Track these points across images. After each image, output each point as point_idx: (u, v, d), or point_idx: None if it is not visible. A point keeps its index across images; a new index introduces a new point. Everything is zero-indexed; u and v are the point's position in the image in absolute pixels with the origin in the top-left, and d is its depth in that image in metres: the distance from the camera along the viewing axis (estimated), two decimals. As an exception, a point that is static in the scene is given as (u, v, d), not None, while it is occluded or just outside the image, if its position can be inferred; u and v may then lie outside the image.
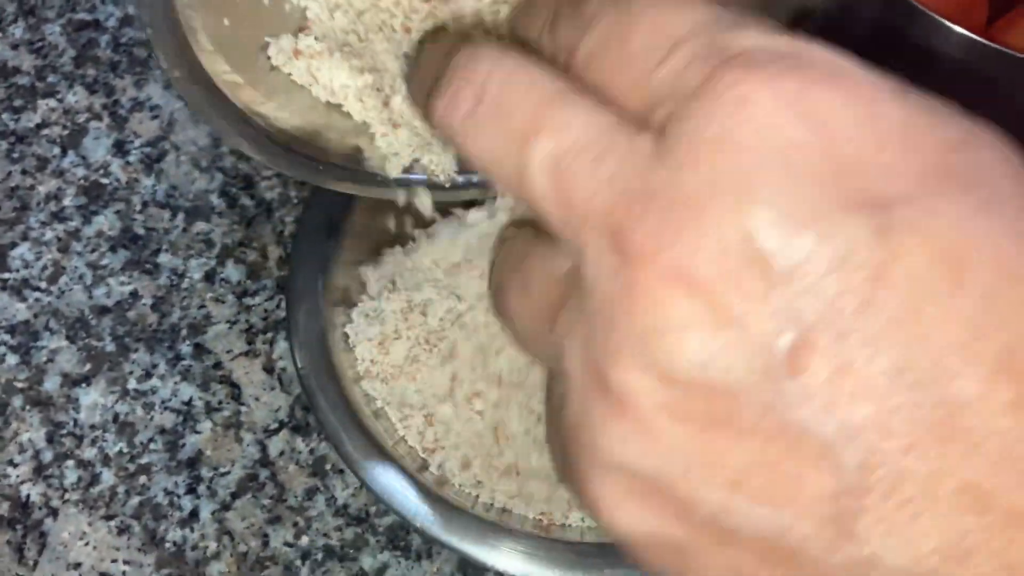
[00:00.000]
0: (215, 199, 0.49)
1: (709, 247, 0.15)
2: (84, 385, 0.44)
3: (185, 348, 0.45)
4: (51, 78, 0.51)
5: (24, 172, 0.48)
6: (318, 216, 0.41)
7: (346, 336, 0.40)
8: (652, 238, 0.16)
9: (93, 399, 0.43)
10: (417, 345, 0.39)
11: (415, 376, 0.39)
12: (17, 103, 0.50)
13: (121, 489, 0.42)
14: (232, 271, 0.47)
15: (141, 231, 0.47)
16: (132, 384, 0.44)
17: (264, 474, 0.42)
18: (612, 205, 0.16)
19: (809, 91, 0.16)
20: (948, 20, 0.44)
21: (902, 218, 0.15)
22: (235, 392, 0.44)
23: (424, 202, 0.28)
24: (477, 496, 0.38)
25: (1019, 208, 0.16)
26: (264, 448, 0.43)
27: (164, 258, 0.47)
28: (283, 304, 0.46)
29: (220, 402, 0.44)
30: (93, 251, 0.47)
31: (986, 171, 0.16)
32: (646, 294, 0.16)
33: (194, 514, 0.41)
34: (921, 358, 0.15)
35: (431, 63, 0.21)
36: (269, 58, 0.28)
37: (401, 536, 0.41)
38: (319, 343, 0.38)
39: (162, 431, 0.43)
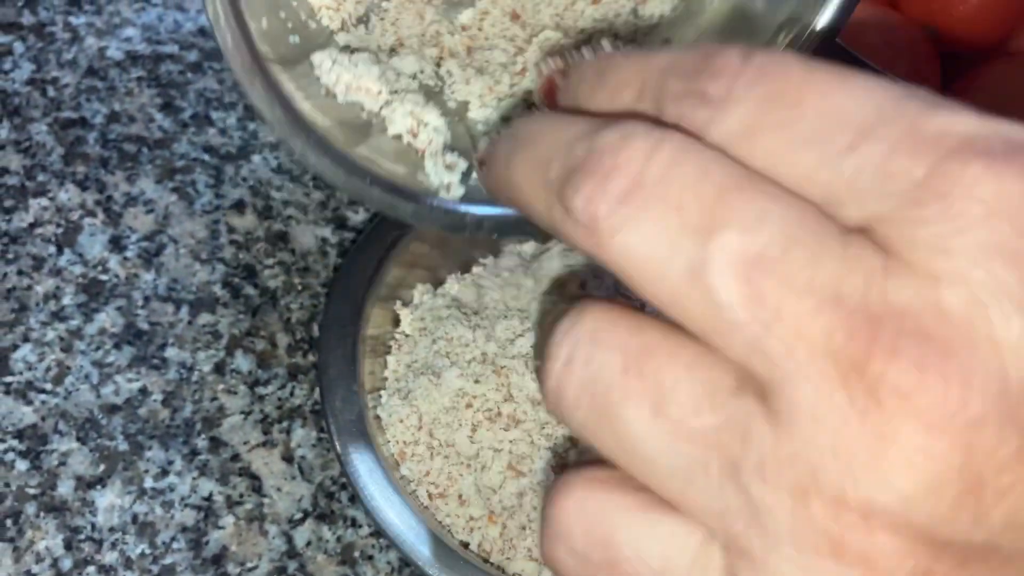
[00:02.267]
0: (218, 290, 0.48)
1: (979, 397, 0.13)
2: (99, 487, 0.42)
3: (201, 442, 0.44)
4: (41, 177, 0.51)
5: (20, 272, 0.47)
6: (344, 301, 0.41)
7: (378, 419, 0.40)
8: (910, 381, 0.13)
9: (110, 501, 0.42)
10: (448, 420, 0.40)
11: (448, 455, 0.40)
12: (8, 203, 0.49)
13: (146, 592, 0.41)
14: (242, 361, 0.46)
15: (145, 326, 0.47)
16: (149, 483, 0.43)
17: (293, 566, 0.42)
18: (844, 330, 0.14)
19: None
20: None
21: None
22: (256, 484, 0.43)
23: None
24: (521, 573, 0.38)
25: None
26: (290, 539, 0.42)
27: (171, 352, 0.46)
28: (296, 391, 0.46)
29: (241, 495, 0.43)
30: (97, 349, 0.46)
31: None
32: (902, 447, 0.13)
33: (224, 612, 0.40)
34: None
35: (546, 137, 0.18)
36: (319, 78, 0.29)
37: (437, 619, 0.41)
38: (358, 427, 0.38)
39: (184, 529, 0.42)
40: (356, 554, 0.42)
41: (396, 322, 0.44)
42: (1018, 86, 0.51)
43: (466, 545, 0.39)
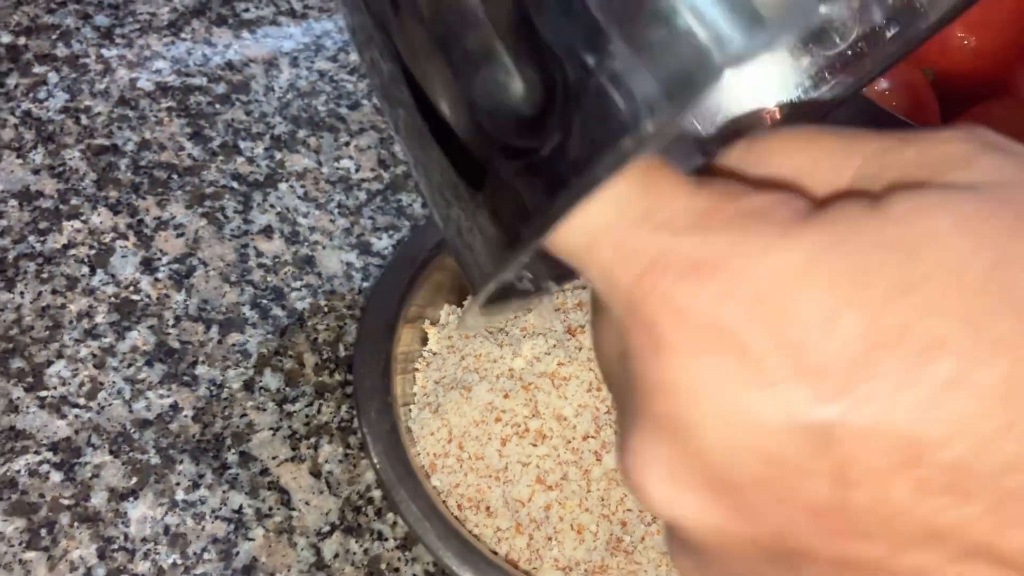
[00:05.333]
0: (247, 311, 0.50)
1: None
2: (132, 499, 0.43)
3: (231, 457, 0.45)
4: (74, 200, 0.52)
5: (54, 292, 0.49)
6: (377, 320, 0.43)
7: (410, 431, 0.42)
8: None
9: (142, 512, 0.43)
10: (478, 433, 0.41)
11: (477, 468, 0.41)
12: (42, 225, 0.51)
13: (178, 601, 0.41)
14: (270, 379, 0.48)
15: (176, 344, 0.48)
16: (180, 495, 0.44)
17: (321, 577, 0.43)
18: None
19: None
20: (909, 119, 0.50)
21: None
22: (284, 497, 0.44)
23: None
24: (535, 570, 0.39)
25: None
26: (319, 551, 0.43)
27: (201, 370, 0.48)
28: (323, 409, 0.47)
29: (270, 508, 0.44)
30: (129, 366, 0.47)
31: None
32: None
33: (255, 622, 0.41)
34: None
35: None
36: None
37: (462, 630, 0.42)
38: (392, 439, 0.39)
39: (215, 540, 0.43)
40: (383, 566, 0.43)
41: (424, 341, 0.46)
42: (1013, 127, 0.54)
43: (494, 554, 0.40)
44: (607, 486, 0.40)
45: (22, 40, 0.58)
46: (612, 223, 0.18)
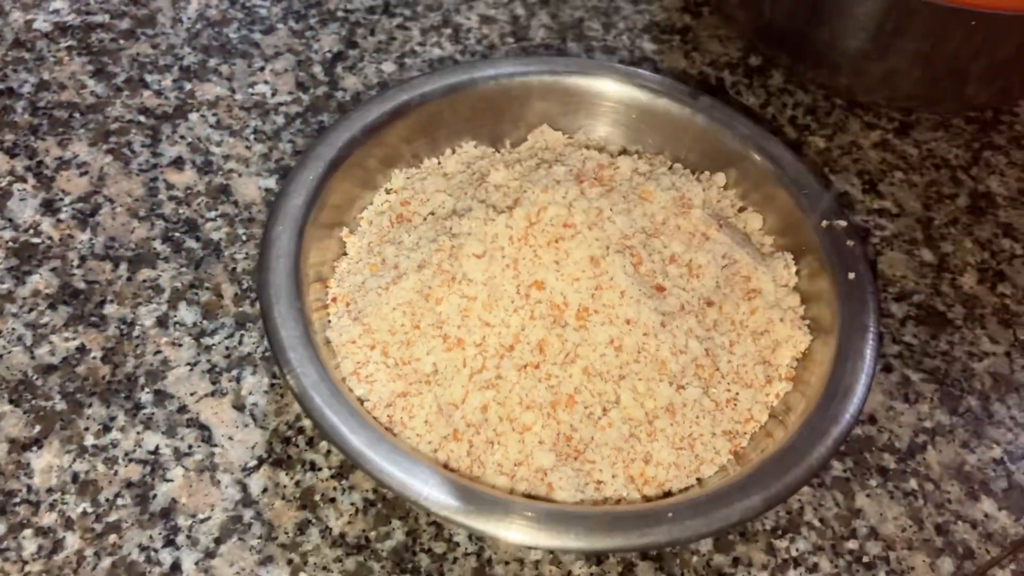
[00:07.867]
0: (159, 245, 0.46)
1: None
2: (35, 448, 0.39)
3: (145, 396, 0.41)
4: (-34, 147, 0.48)
5: (-55, 240, 0.45)
6: (281, 227, 0.39)
7: (328, 342, 0.37)
8: None
9: (47, 461, 0.39)
10: (402, 336, 0.37)
11: (404, 374, 0.37)
12: (-69, 174, 0.47)
13: (89, 552, 0.37)
14: (186, 313, 0.44)
15: (82, 285, 0.44)
16: (89, 440, 0.40)
17: (248, 514, 0.38)
18: None
19: None
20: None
21: None
22: (205, 434, 0.40)
23: None
24: (478, 478, 0.35)
25: None
26: (245, 488, 0.39)
27: (110, 309, 0.44)
28: (245, 340, 0.43)
29: (190, 447, 0.40)
30: (30, 311, 0.43)
31: None
32: None
33: (176, 567, 0.37)
34: None
35: None
36: None
37: (407, 558, 0.38)
38: (303, 343, 0.35)
39: (129, 484, 0.39)
40: (317, 497, 0.39)
41: (342, 247, 0.42)
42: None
43: (434, 463, 0.36)
44: (549, 380, 0.36)
45: (-92, -8, 0.54)
46: None
